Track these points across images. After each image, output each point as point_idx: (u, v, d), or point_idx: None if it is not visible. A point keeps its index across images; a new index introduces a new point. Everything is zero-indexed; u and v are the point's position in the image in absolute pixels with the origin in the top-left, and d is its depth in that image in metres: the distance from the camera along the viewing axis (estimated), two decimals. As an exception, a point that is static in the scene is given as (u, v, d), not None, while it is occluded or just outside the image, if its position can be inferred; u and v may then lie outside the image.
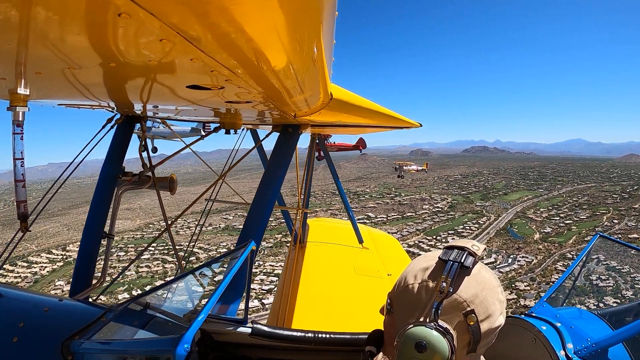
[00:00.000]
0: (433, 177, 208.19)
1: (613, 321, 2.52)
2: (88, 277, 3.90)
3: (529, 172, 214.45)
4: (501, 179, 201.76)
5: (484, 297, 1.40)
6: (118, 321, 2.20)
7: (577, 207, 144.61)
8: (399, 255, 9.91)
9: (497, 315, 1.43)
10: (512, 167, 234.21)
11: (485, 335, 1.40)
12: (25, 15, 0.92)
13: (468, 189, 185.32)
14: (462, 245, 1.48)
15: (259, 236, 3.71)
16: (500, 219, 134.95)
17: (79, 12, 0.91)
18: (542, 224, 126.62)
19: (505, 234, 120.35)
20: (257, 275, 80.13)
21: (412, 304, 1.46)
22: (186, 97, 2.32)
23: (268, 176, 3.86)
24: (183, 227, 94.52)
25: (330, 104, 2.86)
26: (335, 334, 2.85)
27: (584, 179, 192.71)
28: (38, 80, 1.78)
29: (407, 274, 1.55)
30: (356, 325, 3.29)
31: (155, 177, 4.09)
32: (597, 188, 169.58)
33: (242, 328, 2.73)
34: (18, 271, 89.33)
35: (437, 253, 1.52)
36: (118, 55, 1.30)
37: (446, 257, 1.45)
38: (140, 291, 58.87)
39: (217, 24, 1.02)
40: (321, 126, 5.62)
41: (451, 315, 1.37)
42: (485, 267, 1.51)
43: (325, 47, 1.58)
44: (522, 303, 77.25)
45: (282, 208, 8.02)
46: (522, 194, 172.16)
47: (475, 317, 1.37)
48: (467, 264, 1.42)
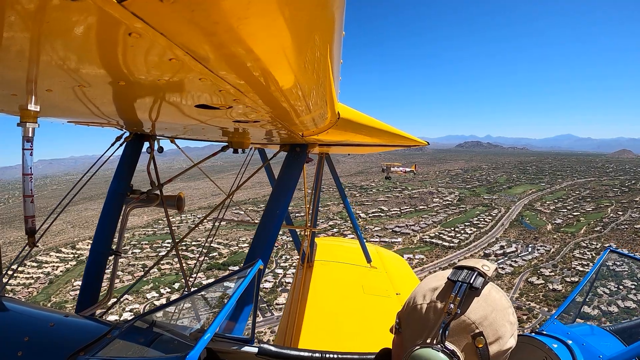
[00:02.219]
0: (434, 171, 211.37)
1: (625, 337, 2.48)
2: (95, 294, 3.91)
3: (527, 166, 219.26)
4: (501, 173, 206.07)
5: (493, 319, 1.36)
6: (124, 338, 2.19)
7: (580, 199, 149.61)
8: (407, 274, 9.85)
9: (508, 337, 1.38)
10: (510, 161, 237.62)
11: (494, 357, 1.35)
12: (37, 34, 0.94)
13: (472, 182, 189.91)
14: (472, 265, 1.45)
15: (267, 255, 3.70)
16: (510, 211, 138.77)
17: (90, 31, 0.93)
18: (552, 216, 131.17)
19: (519, 225, 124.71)
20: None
21: (419, 324, 1.42)
22: (194, 116, 2.34)
23: (276, 195, 3.86)
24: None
25: (337, 123, 2.87)
26: (343, 354, 2.82)
27: (581, 173, 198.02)
28: (48, 97, 1.80)
29: (417, 294, 1.52)
30: (364, 345, 3.26)
31: (164, 195, 4.12)
32: (597, 182, 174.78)
33: (249, 347, 2.71)
34: (29, 272, 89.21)
35: (447, 273, 1.49)
36: (128, 74, 1.31)
37: (455, 277, 1.42)
38: (163, 292, 58.32)
39: (225, 43, 1.03)
40: (329, 145, 5.64)
41: (459, 337, 1.34)
42: (496, 288, 1.47)
43: (333, 67, 1.59)
44: (550, 287, 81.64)
45: (290, 227, 8.01)
46: (525, 187, 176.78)
47: (484, 340, 1.33)
48: (477, 285, 1.38)
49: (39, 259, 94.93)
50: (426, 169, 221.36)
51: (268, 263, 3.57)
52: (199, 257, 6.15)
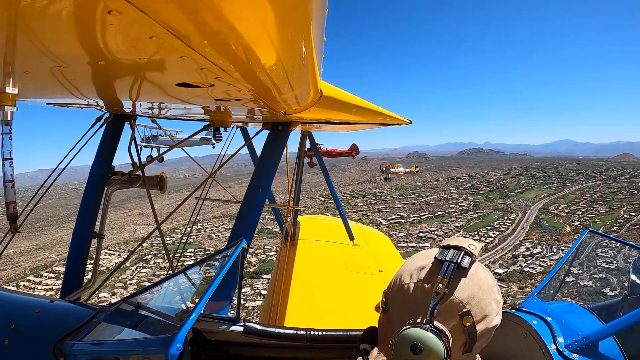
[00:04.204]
0: (443, 178, 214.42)
1: (603, 315, 2.53)
2: (79, 278, 3.88)
3: (533, 172, 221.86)
4: (510, 178, 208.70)
5: (480, 298, 1.38)
6: (110, 322, 2.19)
7: (593, 202, 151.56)
8: (389, 251, 9.94)
9: (494, 315, 1.41)
10: (516, 167, 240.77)
11: (482, 335, 1.38)
12: (14, 14, 0.92)
13: (482, 188, 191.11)
14: (459, 245, 1.45)
15: (250, 234, 3.71)
16: (527, 215, 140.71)
17: (68, 9, 0.91)
18: (568, 218, 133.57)
19: (539, 228, 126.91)
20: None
21: (407, 304, 1.44)
22: (176, 95, 2.31)
23: (258, 174, 3.85)
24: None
25: (320, 101, 2.86)
26: (327, 331, 2.86)
27: (588, 177, 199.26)
28: (27, 79, 1.76)
29: (403, 273, 1.52)
30: (348, 322, 3.30)
31: (145, 176, 4.07)
32: (605, 185, 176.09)
33: (234, 326, 2.73)
34: (47, 283, 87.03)
35: (433, 252, 1.50)
36: (107, 53, 1.29)
37: (442, 257, 1.43)
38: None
39: (207, 21, 1.02)
40: (311, 123, 5.62)
41: (447, 317, 1.35)
42: (481, 267, 1.48)
43: (316, 45, 1.58)
44: (581, 284, 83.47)
45: (273, 206, 8.01)
46: (536, 192, 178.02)
47: (472, 318, 1.35)
48: (464, 264, 1.39)
49: (55, 269, 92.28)
50: (434, 176, 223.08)
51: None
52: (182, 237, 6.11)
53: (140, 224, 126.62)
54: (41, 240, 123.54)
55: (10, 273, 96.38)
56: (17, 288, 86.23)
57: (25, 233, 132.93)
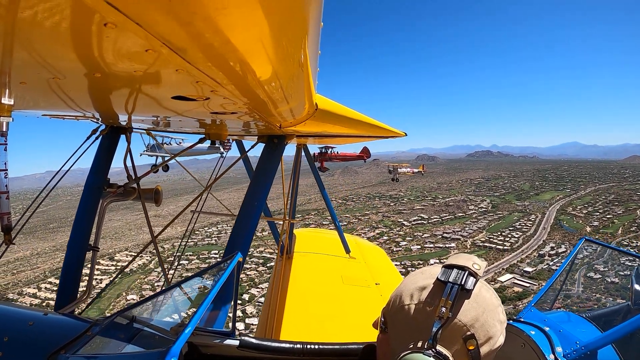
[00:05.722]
0: (457, 180, 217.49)
1: (601, 323, 2.53)
2: (74, 290, 3.86)
3: (545, 174, 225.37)
4: (523, 181, 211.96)
5: (484, 320, 1.33)
6: (104, 335, 2.17)
7: (608, 203, 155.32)
8: (385, 264, 9.92)
9: (498, 336, 1.37)
10: (527, 170, 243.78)
11: (485, 357, 1.34)
12: (10, 25, 0.92)
13: (498, 190, 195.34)
14: (463, 264, 1.41)
15: (246, 247, 3.70)
16: (546, 216, 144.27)
17: (65, 21, 0.91)
18: (587, 219, 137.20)
19: (560, 229, 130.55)
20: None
21: (408, 326, 1.39)
22: (171, 108, 2.32)
23: (254, 187, 3.85)
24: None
25: (315, 114, 2.87)
26: (324, 345, 2.83)
27: (601, 179, 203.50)
28: (23, 90, 1.77)
29: (403, 293, 1.46)
30: (345, 335, 3.29)
31: (141, 189, 4.07)
32: (619, 187, 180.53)
33: (230, 340, 2.71)
34: None
35: (434, 270, 1.46)
36: (103, 66, 1.30)
37: (446, 277, 1.38)
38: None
39: (202, 34, 1.03)
40: (307, 136, 5.64)
41: (450, 341, 1.30)
42: (485, 286, 1.44)
43: (311, 58, 1.59)
44: (608, 280, 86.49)
45: (269, 219, 8.00)
46: (551, 194, 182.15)
47: (476, 342, 1.30)
48: (468, 286, 1.35)
49: None
50: (447, 178, 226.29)
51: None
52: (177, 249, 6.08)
53: (157, 225, 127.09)
54: (57, 241, 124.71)
55: (30, 275, 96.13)
56: (39, 291, 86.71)
57: (40, 234, 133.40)
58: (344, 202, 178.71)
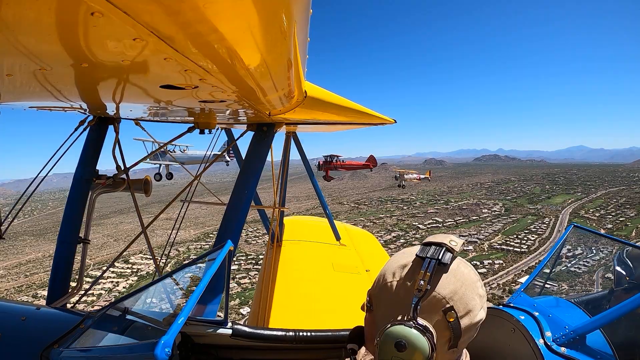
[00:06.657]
0: (467, 184, 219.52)
1: (590, 308, 2.55)
2: (65, 284, 3.83)
3: (555, 178, 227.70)
4: (533, 184, 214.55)
5: (463, 293, 1.39)
6: (97, 327, 2.17)
7: (620, 207, 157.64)
8: (376, 251, 9.96)
9: (478, 310, 1.42)
10: (537, 174, 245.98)
11: (466, 330, 1.39)
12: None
13: (509, 194, 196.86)
14: (440, 241, 1.46)
15: (236, 236, 3.70)
16: (560, 219, 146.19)
17: (51, 11, 0.90)
18: (600, 222, 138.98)
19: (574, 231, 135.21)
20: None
21: (390, 302, 1.45)
22: (160, 97, 2.31)
23: (243, 176, 3.84)
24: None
25: (304, 101, 2.87)
26: (315, 332, 2.86)
27: (611, 183, 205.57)
28: (8, 83, 1.74)
29: (386, 272, 1.53)
30: (336, 322, 3.31)
31: (130, 180, 4.05)
32: (629, 190, 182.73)
33: (223, 329, 2.72)
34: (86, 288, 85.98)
35: (414, 249, 1.51)
36: (90, 56, 1.29)
37: (423, 254, 1.44)
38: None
39: (190, 22, 1.02)
40: (296, 124, 5.62)
41: (430, 313, 1.36)
42: (464, 262, 1.50)
43: (300, 45, 1.59)
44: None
45: (259, 207, 7.99)
46: (563, 197, 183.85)
47: (455, 314, 1.36)
48: (445, 260, 1.40)
49: (92, 274, 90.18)
50: (457, 182, 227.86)
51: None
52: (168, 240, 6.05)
53: (169, 228, 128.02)
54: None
55: (43, 277, 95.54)
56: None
57: (51, 236, 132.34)
58: (356, 205, 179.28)
